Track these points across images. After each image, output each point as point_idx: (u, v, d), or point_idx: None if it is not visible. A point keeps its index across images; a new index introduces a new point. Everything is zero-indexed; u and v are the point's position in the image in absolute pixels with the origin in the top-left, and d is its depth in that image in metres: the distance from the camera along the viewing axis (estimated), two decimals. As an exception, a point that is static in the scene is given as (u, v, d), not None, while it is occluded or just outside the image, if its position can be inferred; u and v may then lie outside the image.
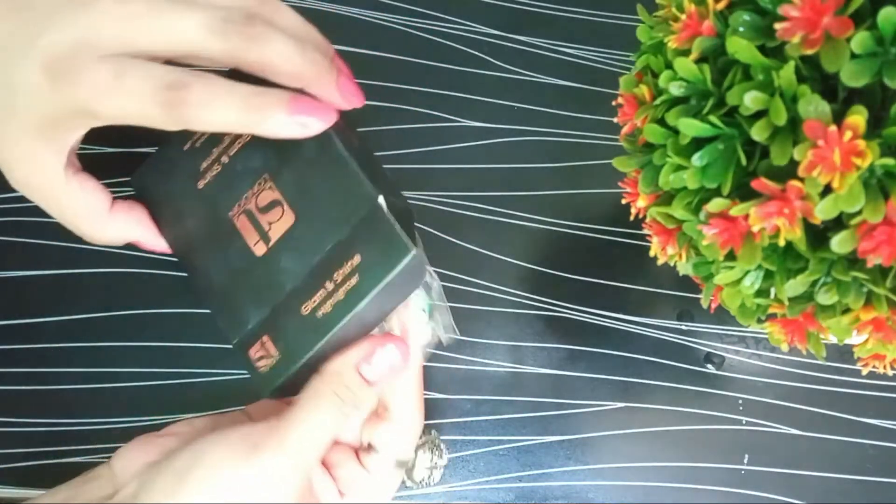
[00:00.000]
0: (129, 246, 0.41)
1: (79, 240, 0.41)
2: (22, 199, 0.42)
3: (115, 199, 0.33)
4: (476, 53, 0.45)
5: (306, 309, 0.29)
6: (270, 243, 0.30)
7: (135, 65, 0.27)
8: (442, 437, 0.40)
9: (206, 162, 0.32)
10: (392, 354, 0.30)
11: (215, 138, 0.33)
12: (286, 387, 0.30)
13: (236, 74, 0.28)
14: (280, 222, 0.30)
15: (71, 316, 0.40)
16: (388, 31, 0.45)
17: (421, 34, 0.45)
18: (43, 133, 0.28)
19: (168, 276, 0.41)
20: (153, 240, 0.34)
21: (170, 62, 0.28)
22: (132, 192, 0.35)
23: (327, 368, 0.30)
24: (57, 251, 0.40)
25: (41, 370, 0.40)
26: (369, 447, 0.32)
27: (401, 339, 0.31)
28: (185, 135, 0.33)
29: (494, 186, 0.42)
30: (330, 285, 0.29)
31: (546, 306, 0.41)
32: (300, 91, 0.29)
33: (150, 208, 0.34)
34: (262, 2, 0.29)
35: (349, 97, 0.30)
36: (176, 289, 0.41)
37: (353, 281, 0.28)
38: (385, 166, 0.43)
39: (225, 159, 0.32)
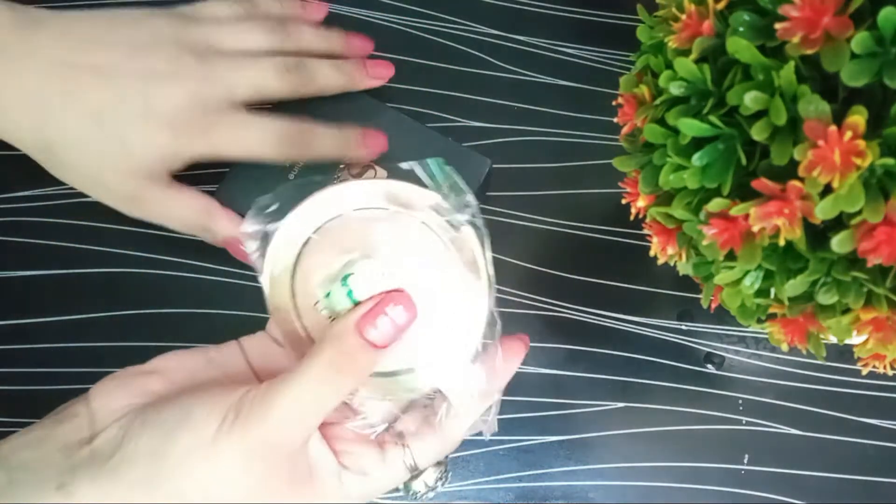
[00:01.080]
0: (129, 246, 0.42)
1: (79, 240, 0.42)
2: (22, 199, 0.42)
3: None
4: (476, 53, 0.45)
5: None
6: None
7: (255, 118, 0.36)
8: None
9: None
10: (397, 312, 0.27)
11: None
12: None
13: None
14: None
15: (71, 316, 0.40)
16: (389, 31, 0.45)
17: (421, 34, 0.45)
18: (152, 173, 0.36)
19: (168, 277, 0.41)
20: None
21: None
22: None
23: (328, 332, 0.27)
24: (57, 251, 0.40)
25: (41, 370, 0.40)
26: (400, 437, 0.30)
27: (406, 295, 0.27)
28: None
29: (495, 186, 0.42)
30: None
31: (546, 306, 0.41)
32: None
33: (243, 214, 0.33)
34: (289, 32, 0.39)
35: (381, 75, 0.41)
36: (176, 289, 0.41)
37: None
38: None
39: None
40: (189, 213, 0.37)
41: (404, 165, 0.28)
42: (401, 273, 0.28)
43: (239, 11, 0.39)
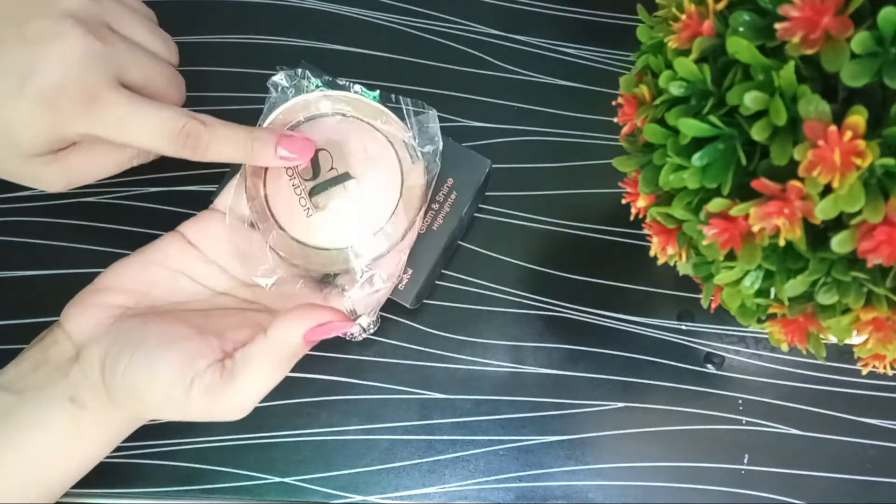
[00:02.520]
0: (129, 246, 0.41)
1: (79, 240, 0.42)
2: (22, 199, 0.42)
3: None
4: (476, 53, 0.45)
5: (422, 228, 0.38)
6: None
7: (146, 104, 0.32)
8: (442, 438, 0.40)
9: None
10: (337, 329, 0.32)
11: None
12: (421, 293, 0.38)
13: None
14: None
15: (71, 316, 0.40)
16: (389, 31, 0.45)
17: (421, 34, 0.45)
18: (42, 156, 0.33)
19: (168, 276, 0.41)
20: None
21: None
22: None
23: (273, 334, 0.31)
24: (57, 251, 0.40)
25: (41, 370, 0.40)
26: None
27: (345, 317, 0.32)
28: None
29: (494, 186, 0.42)
30: (435, 206, 0.38)
31: (546, 306, 0.41)
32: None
33: None
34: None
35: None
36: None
37: (453, 196, 0.38)
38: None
39: None
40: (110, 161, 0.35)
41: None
42: (353, 168, 0.35)
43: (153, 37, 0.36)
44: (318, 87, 0.37)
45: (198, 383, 0.30)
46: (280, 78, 0.37)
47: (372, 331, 0.37)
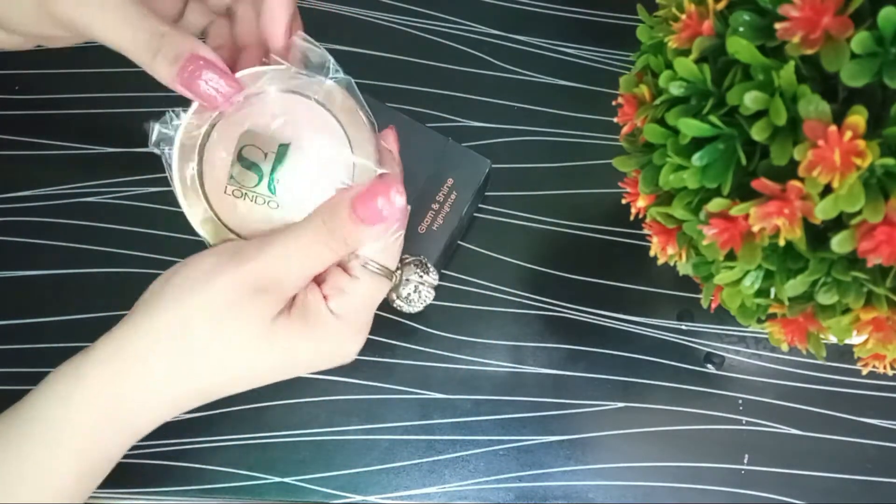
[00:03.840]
0: (130, 246, 0.42)
1: (79, 240, 0.42)
2: (22, 199, 0.42)
3: None
4: (476, 53, 0.45)
5: (422, 228, 0.38)
6: None
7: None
8: (442, 438, 0.40)
9: None
10: (393, 197, 0.29)
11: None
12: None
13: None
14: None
15: (71, 316, 0.40)
16: (389, 31, 0.45)
17: (421, 34, 0.45)
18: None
19: (168, 276, 0.41)
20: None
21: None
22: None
23: (322, 206, 0.30)
24: (57, 251, 0.40)
25: (41, 370, 0.40)
26: (353, 254, 0.31)
27: (395, 180, 0.30)
28: None
29: (494, 186, 0.42)
30: (435, 206, 0.38)
31: (546, 306, 0.41)
32: None
33: None
34: None
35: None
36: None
37: (453, 196, 0.38)
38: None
39: None
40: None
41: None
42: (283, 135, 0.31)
43: None
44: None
45: (227, 253, 0.28)
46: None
47: (431, 282, 0.35)
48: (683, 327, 0.41)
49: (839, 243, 0.21)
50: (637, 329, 0.41)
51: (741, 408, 0.40)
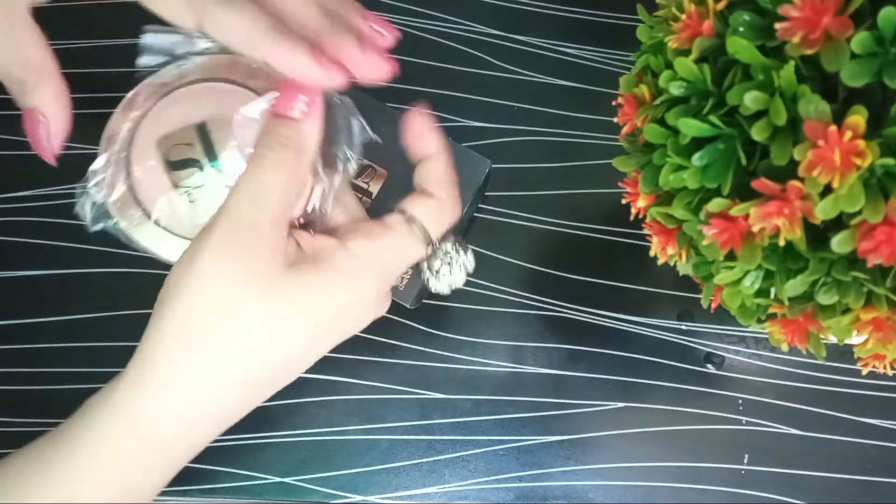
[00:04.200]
0: (129, 246, 0.41)
1: (79, 240, 0.42)
2: (22, 199, 0.42)
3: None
4: (476, 53, 0.45)
5: None
6: (373, 196, 0.37)
7: None
8: (442, 438, 0.40)
9: None
10: (300, 99, 0.27)
11: None
12: (421, 293, 0.37)
13: None
14: (375, 179, 0.38)
15: (71, 316, 0.40)
16: (388, 31, 0.45)
17: (421, 34, 0.45)
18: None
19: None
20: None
21: None
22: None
23: (258, 138, 0.27)
24: (57, 251, 0.40)
25: (41, 370, 0.40)
26: (405, 213, 0.30)
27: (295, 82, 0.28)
28: None
29: (494, 186, 0.42)
30: None
31: (546, 306, 0.41)
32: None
33: None
34: None
35: (369, 70, 0.28)
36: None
37: None
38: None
39: None
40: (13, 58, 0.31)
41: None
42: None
43: None
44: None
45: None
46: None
47: (466, 263, 0.32)
48: (683, 327, 0.41)
49: (839, 243, 0.21)
50: (637, 329, 0.41)
51: (741, 408, 0.40)
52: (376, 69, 0.29)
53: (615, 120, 0.28)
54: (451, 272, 0.33)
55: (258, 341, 0.26)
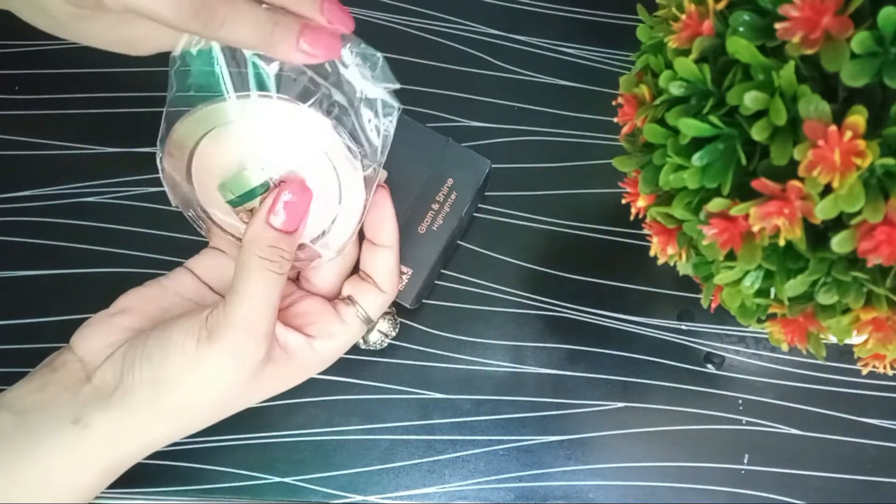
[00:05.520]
0: (129, 246, 0.42)
1: (79, 240, 0.41)
2: (22, 199, 0.42)
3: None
4: (476, 53, 0.45)
5: (422, 228, 0.38)
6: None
7: None
8: (442, 438, 0.40)
9: None
10: (289, 195, 0.31)
11: None
12: (420, 293, 0.38)
13: None
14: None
15: (71, 316, 0.40)
16: (389, 31, 0.45)
17: (421, 34, 0.45)
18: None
19: (168, 276, 0.41)
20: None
21: None
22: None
23: (245, 239, 0.31)
24: (57, 251, 0.40)
25: (41, 370, 0.40)
26: (349, 299, 0.35)
27: (293, 179, 0.32)
28: None
29: (494, 186, 0.42)
30: (435, 206, 0.38)
31: (546, 306, 0.41)
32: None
33: None
34: None
35: (317, 50, 0.29)
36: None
37: (453, 196, 0.38)
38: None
39: None
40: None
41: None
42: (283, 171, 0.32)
43: None
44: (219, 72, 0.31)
45: (204, 325, 0.31)
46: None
47: (393, 335, 0.38)
48: (683, 327, 0.41)
49: (839, 243, 0.21)
50: (637, 329, 0.41)
51: (741, 408, 0.40)
52: (323, 51, 0.30)
53: (615, 120, 0.28)
54: (381, 343, 0.39)
55: (211, 408, 0.33)
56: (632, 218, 0.29)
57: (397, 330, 0.39)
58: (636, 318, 0.41)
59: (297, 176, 0.32)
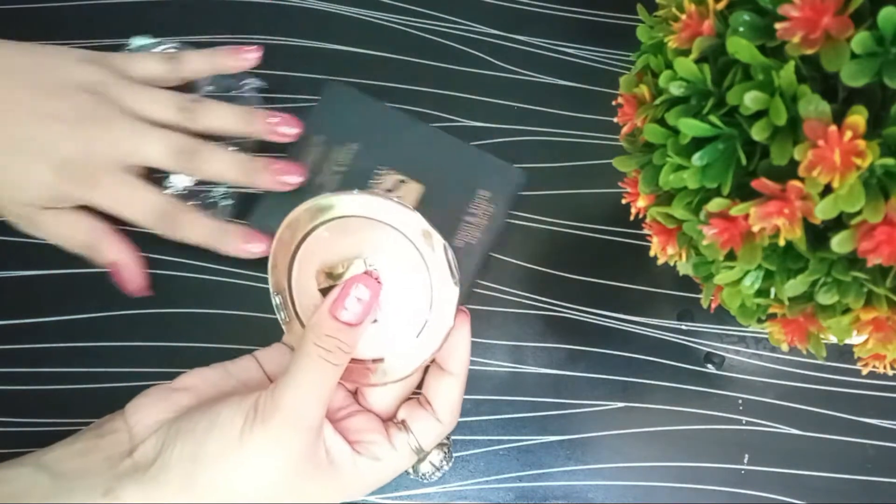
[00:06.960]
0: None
1: (79, 240, 0.41)
2: (22, 199, 0.42)
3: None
4: (476, 53, 0.45)
5: (460, 242, 0.39)
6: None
7: (139, 189, 0.37)
8: (442, 437, 0.40)
9: (320, 178, 0.40)
10: (361, 290, 0.31)
11: (319, 160, 0.41)
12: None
13: None
14: (410, 193, 0.40)
15: (71, 316, 0.40)
16: (388, 31, 0.45)
17: (421, 34, 0.45)
18: (39, 204, 0.37)
19: (168, 276, 0.41)
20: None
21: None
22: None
23: (308, 324, 0.31)
24: (57, 251, 0.40)
25: (41, 370, 0.40)
26: (403, 424, 0.33)
27: (367, 276, 0.32)
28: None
29: (494, 186, 0.42)
30: (471, 219, 0.39)
31: (546, 306, 0.41)
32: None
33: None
34: (199, 113, 0.38)
35: (286, 180, 0.38)
36: (176, 289, 0.41)
37: (490, 208, 0.40)
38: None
39: (338, 168, 0.40)
40: (75, 233, 0.38)
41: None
42: (381, 272, 0.32)
43: (164, 71, 0.40)
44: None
45: (254, 406, 0.30)
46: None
47: (446, 468, 0.36)
48: (683, 327, 0.41)
49: (839, 243, 0.21)
50: (637, 329, 0.41)
51: (741, 408, 0.40)
52: (290, 180, 0.39)
53: (615, 120, 0.28)
54: (434, 475, 0.36)
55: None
56: (632, 218, 0.29)
57: (451, 464, 0.36)
58: (636, 318, 0.41)
59: (377, 274, 0.32)
